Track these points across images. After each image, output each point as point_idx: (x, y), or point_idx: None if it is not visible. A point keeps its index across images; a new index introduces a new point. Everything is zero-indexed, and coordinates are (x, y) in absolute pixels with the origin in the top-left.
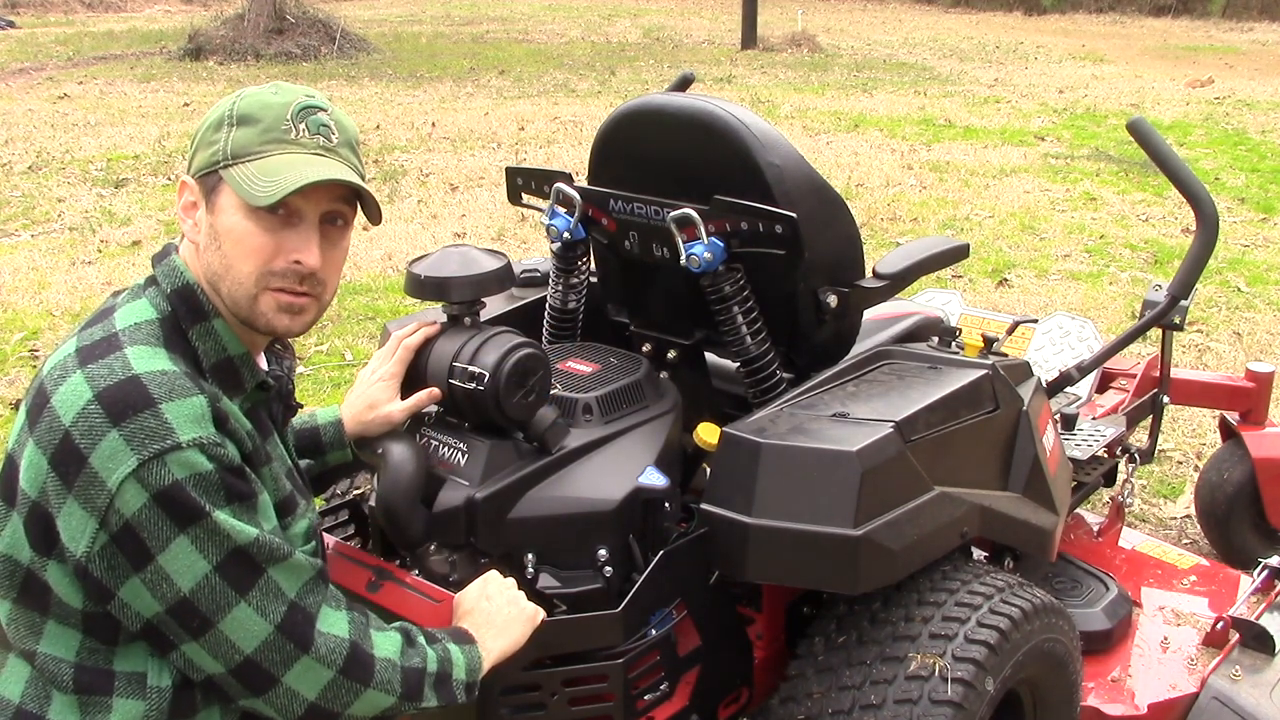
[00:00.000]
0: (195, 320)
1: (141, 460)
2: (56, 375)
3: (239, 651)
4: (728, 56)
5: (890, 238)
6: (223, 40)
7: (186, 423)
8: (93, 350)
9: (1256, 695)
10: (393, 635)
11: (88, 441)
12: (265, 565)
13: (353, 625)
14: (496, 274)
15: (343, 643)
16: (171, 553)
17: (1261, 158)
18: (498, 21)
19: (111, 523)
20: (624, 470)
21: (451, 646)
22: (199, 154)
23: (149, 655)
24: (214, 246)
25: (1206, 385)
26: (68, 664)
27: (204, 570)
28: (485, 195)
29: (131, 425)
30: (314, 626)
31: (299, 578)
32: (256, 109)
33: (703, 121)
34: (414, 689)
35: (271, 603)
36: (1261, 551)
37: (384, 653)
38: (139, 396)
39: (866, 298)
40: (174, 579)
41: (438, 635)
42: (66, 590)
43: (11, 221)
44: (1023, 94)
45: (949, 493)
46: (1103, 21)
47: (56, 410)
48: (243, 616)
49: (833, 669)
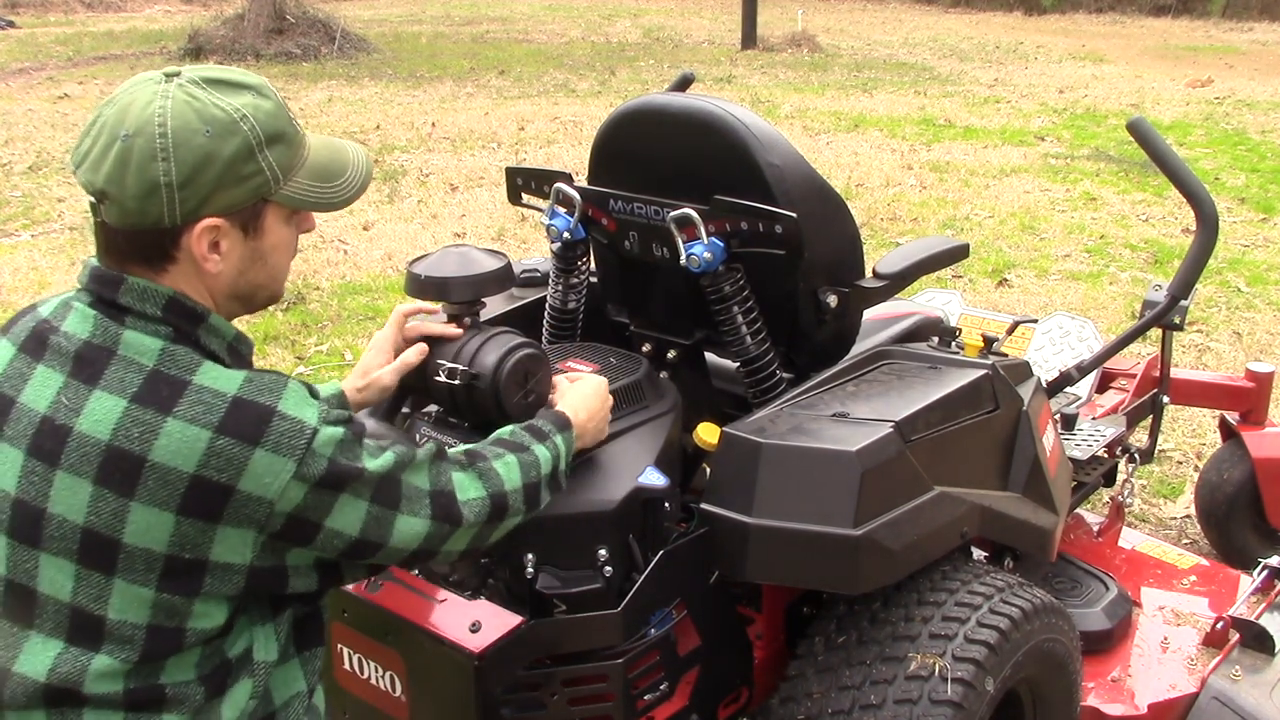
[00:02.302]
0: (196, 324)
1: (299, 459)
2: (136, 435)
3: (407, 548)
4: (728, 56)
5: (890, 238)
6: (223, 40)
7: (303, 408)
8: (156, 395)
9: (1256, 695)
10: (511, 462)
11: (230, 473)
12: (400, 475)
13: (484, 480)
14: (496, 274)
15: (483, 501)
16: (336, 513)
17: (1261, 158)
18: (498, 21)
19: (274, 524)
20: (624, 470)
21: (558, 439)
22: (225, 192)
23: (250, 625)
24: (258, 265)
25: (1206, 385)
26: (195, 682)
27: (364, 510)
28: (485, 195)
29: (272, 438)
30: (457, 503)
31: (423, 469)
32: (274, 123)
33: (703, 121)
34: (536, 499)
35: (418, 503)
36: (1261, 551)
37: (512, 484)
38: (256, 411)
39: (866, 298)
40: (344, 531)
41: (547, 430)
42: (213, 613)
43: (11, 221)
44: (1023, 94)
45: (949, 493)
46: (1103, 21)
47: (169, 464)
48: (403, 526)
49: (833, 669)
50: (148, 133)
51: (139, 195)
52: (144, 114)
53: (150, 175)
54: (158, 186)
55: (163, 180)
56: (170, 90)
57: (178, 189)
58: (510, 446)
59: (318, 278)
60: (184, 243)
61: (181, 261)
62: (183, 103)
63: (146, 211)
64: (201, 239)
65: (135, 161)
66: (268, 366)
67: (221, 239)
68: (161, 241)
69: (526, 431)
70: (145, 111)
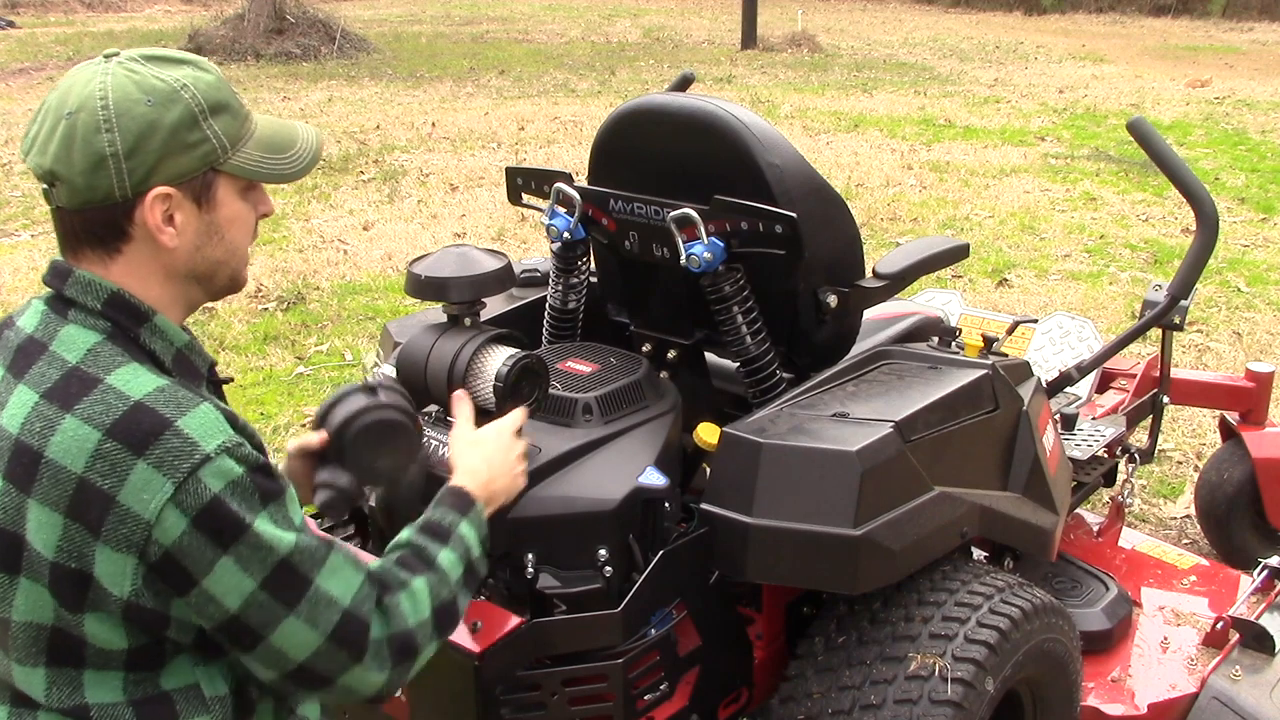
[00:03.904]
0: (139, 323)
1: (178, 483)
2: (37, 429)
3: (291, 660)
4: (728, 56)
5: (890, 238)
6: (223, 40)
7: (206, 432)
8: (65, 391)
9: (1256, 695)
10: (420, 590)
11: (112, 481)
12: (311, 574)
13: (391, 618)
14: (496, 274)
15: (392, 639)
16: (216, 575)
17: (1261, 158)
18: (498, 21)
19: (151, 554)
20: (624, 470)
21: (462, 526)
22: (172, 160)
23: (194, 666)
24: (215, 240)
25: (1206, 385)
26: (123, 705)
27: (249, 588)
28: (485, 195)
29: (157, 451)
30: (367, 635)
31: (351, 582)
32: (216, 93)
33: (703, 121)
34: (451, 620)
35: (323, 613)
36: (1261, 551)
37: (419, 616)
38: (152, 421)
39: (866, 298)
40: (221, 600)
41: (447, 523)
42: (108, 637)
43: (11, 221)
44: (1023, 94)
45: (949, 493)
46: (1103, 21)
47: (60, 462)
48: (291, 629)
49: (833, 669)
50: (90, 107)
51: (86, 170)
52: (85, 91)
53: (95, 148)
54: (104, 158)
55: (108, 151)
56: (110, 68)
57: (124, 159)
58: (415, 564)
59: (318, 278)
60: (137, 217)
61: (136, 240)
62: (123, 77)
63: (95, 186)
64: (154, 209)
65: (80, 136)
66: (267, 367)
67: (175, 210)
68: (115, 218)
69: (425, 534)
70: (86, 89)
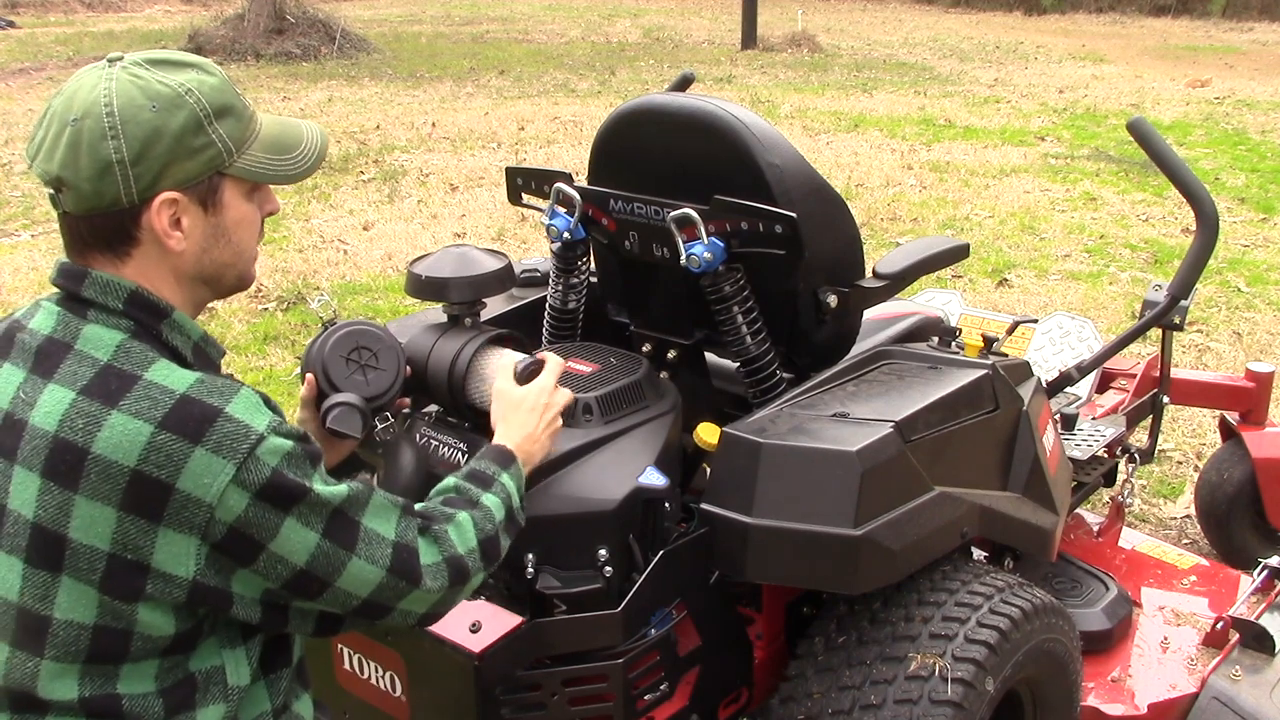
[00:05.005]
0: (159, 319)
1: (239, 463)
2: (80, 426)
3: (356, 597)
4: (728, 56)
5: (890, 238)
6: (223, 40)
7: (254, 414)
8: (105, 388)
9: (1256, 695)
10: (465, 522)
11: (169, 470)
12: (359, 517)
13: (439, 545)
14: (496, 274)
15: (440, 567)
16: (282, 537)
17: (1261, 158)
18: (498, 21)
19: (214, 533)
20: (624, 470)
21: (504, 478)
22: (178, 165)
23: (220, 648)
24: (222, 242)
25: (1206, 385)
26: (154, 695)
27: (314, 541)
28: (485, 195)
29: (214, 438)
30: (418, 561)
31: (391, 518)
32: (220, 97)
33: (703, 121)
34: (495, 553)
35: (378, 549)
36: (1261, 551)
37: (467, 546)
38: (203, 410)
39: (866, 298)
40: (289, 558)
41: (490, 472)
42: (159, 623)
43: (11, 221)
44: (1023, 94)
45: (949, 493)
46: (1103, 21)
47: (110, 457)
48: (356, 569)
49: (833, 669)
50: (95, 114)
51: (93, 176)
52: (90, 97)
53: (102, 154)
54: (110, 165)
55: (114, 158)
56: (114, 73)
57: (130, 165)
58: (459, 503)
59: (318, 278)
60: (144, 221)
61: (144, 244)
62: (127, 82)
63: (102, 193)
64: (161, 214)
65: (86, 143)
66: (267, 367)
67: (182, 215)
68: (122, 223)
69: (471, 481)
70: (91, 95)
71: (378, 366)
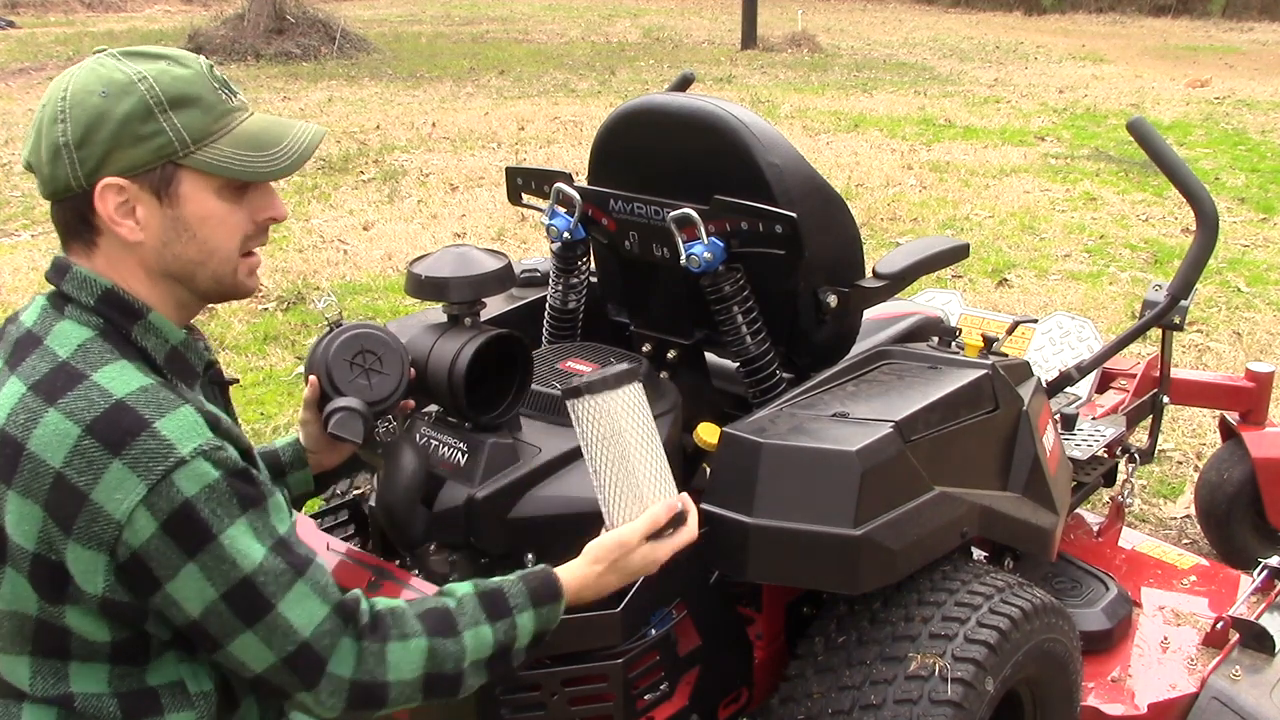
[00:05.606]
0: (132, 320)
1: (151, 485)
2: (21, 420)
3: (249, 669)
4: (728, 56)
5: (890, 238)
6: (223, 40)
7: (185, 434)
8: (52, 385)
9: (1256, 695)
10: (416, 649)
11: (87, 479)
12: (275, 598)
13: (363, 662)
14: (496, 274)
15: (345, 684)
16: (180, 581)
17: (1261, 158)
18: (498, 21)
19: (120, 554)
20: None
21: (525, 619)
22: (121, 152)
23: (179, 662)
24: (184, 237)
25: (1206, 385)
26: (108, 696)
27: (211, 598)
28: (485, 195)
29: (133, 451)
30: (323, 668)
31: (315, 613)
32: (183, 87)
33: (703, 121)
34: (447, 689)
35: (279, 639)
36: (1261, 551)
37: (400, 674)
38: (131, 421)
39: (866, 298)
40: (183, 605)
41: (513, 605)
42: (91, 628)
43: (11, 221)
44: (1023, 94)
45: (949, 493)
46: (1103, 21)
47: (40, 455)
48: (248, 643)
49: (833, 669)
50: (53, 99)
51: (49, 160)
52: (57, 85)
53: (52, 138)
54: (59, 148)
55: (61, 141)
56: (89, 62)
57: (75, 149)
58: (434, 624)
59: (317, 278)
60: (96, 208)
61: (105, 233)
62: (89, 70)
63: (56, 176)
64: (104, 199)
65: (44, 127)
66: (267, 367)
67: (135, 203)
68: (79, 209)
69: (482, 603)
70: (59, 83)
71: (381, 371)
